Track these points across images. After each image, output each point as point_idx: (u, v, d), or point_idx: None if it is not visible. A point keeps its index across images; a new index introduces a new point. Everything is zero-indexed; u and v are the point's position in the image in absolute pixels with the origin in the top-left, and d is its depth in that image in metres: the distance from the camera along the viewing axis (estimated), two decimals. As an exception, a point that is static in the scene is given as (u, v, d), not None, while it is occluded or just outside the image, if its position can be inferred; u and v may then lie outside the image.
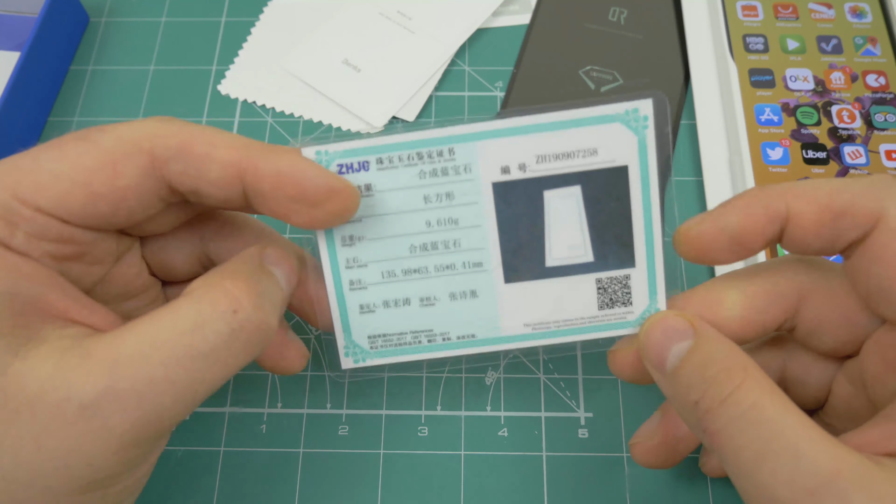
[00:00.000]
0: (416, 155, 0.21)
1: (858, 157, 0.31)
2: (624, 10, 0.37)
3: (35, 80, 0.35)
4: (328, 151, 0.21)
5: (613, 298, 0.22)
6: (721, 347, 0.19)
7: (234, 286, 0.18)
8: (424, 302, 0.23)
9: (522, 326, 0.23)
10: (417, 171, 0.21)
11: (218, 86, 0.36)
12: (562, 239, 0.22)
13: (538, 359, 0.29)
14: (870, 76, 0.33)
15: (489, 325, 0.23)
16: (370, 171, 0.21)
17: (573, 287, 0.22)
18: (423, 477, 0.27)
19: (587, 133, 0.21)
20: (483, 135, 0.21)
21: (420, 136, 0.21)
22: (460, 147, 0.21)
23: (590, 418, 0.28)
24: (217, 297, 0.18)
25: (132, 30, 0.38)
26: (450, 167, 0.21)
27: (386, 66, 0.36)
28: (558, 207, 0.21)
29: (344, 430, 0.28)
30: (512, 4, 0.38)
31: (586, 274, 0.22)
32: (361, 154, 0.21)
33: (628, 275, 0.22)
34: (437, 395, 0.29)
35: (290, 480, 0.27)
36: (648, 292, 0.22)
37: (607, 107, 0.20)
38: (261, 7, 0.39)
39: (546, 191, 0.21)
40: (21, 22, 0.36)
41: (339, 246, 0.22)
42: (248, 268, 0.20)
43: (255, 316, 0.18)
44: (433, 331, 0.23)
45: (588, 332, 0.23)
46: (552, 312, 0.22)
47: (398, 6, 0.38)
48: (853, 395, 0.21)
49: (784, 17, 0.35)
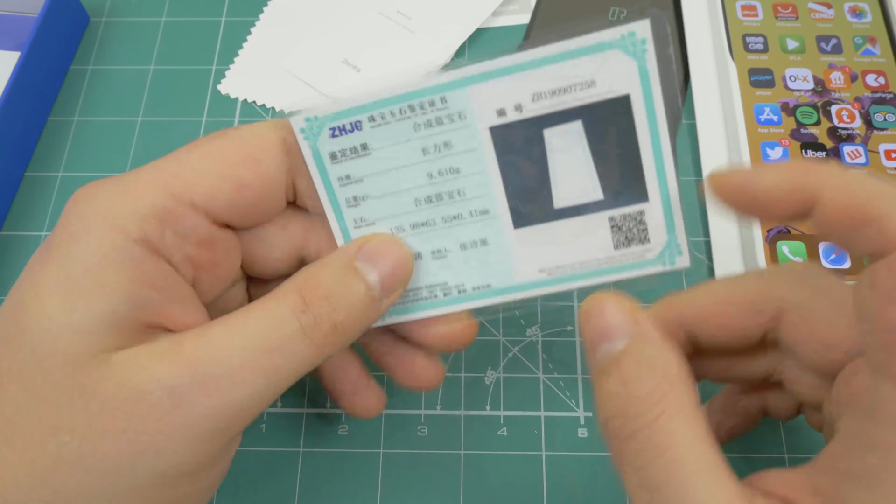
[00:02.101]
0: (408, 108, 0.21)
1: (858, 157, 0.31)
2: (624, 11, 0.37)
3: (35, 80, 0.35)
4: (318, 117, 0.21)
5: (629, 237, 0.21)
6: (650, 365, 0.18)
7: (306, 286, 0.20)
8: (436, 255, 0.22)
9: (538, 272, 0.22)
10: (411, 123, 0.21)
11: (218, 85, 0.36)
12: (568, 178, 0.21)
13: (537, 354, 0.29)
14: (869, 76, 0.33)
15: (503, 274, 0.22)
16: (363, 130, 0.21)
17: (585, 227, 0.21)
18: (422, 476, 0.27)
19: (582, 64, 0.19)
20: (473, 79, 0.20)
21: (409, 88, 0.20)
22: (452, 94, 0.20)
23: (589, 418, 0.28)
24: (291, 296, 0.19)
25: (132, 30, 0.38)
26: (444, 116, 0.20)
27: (386, 66, 0.36)
28: (560, 145, 0.20)
29: (344, 430, 0.28)
30: (512, 4, 0.38)
31: (598, 212, 0.21)
32: (353, 115, 0.21)
33: (642, 210, 0.21)
34: (437, 395, 0.29)
35: (290, 480, 0.27)
36: (666, 228, 0.21)
37: (601, 33, 0.19)
38: (261, 7, 0.39)
39: (546, 129, 0.20)
40: (21, 22, 0.36)
41: (346, 207, 0.22)
42: (329, 269, 0.20)
43: (324, 316, 0.19)
44: (448, 283, 0.22)
45: (607, 273, 0.21)
46: (567, 255, 0.21)
47: (398, 6, 0.38)
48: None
49: (784, 17, 0.35)
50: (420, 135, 0.21)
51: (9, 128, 0.33)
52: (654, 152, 0.20)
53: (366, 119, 0.21)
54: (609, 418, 0.18)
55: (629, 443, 0.17)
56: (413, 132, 0.21)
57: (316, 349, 0.19)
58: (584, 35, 0.19)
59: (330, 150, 0.21)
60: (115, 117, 0.36)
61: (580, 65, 0.19)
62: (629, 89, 0.19)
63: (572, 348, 0.30)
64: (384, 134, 0.21)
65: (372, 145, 0.21)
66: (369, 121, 0.21)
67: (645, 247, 0.21)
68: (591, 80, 0.19)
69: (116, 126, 0.36)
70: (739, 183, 0.19)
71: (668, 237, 0.21)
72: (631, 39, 0.19)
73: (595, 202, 0.21)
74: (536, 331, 0.30)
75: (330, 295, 0.20)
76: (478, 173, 0.21)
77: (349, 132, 0.21)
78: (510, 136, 0.21)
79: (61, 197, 0.34)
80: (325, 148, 0.21)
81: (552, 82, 0.20)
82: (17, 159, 0.34)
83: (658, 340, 0.18)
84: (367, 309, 0.20)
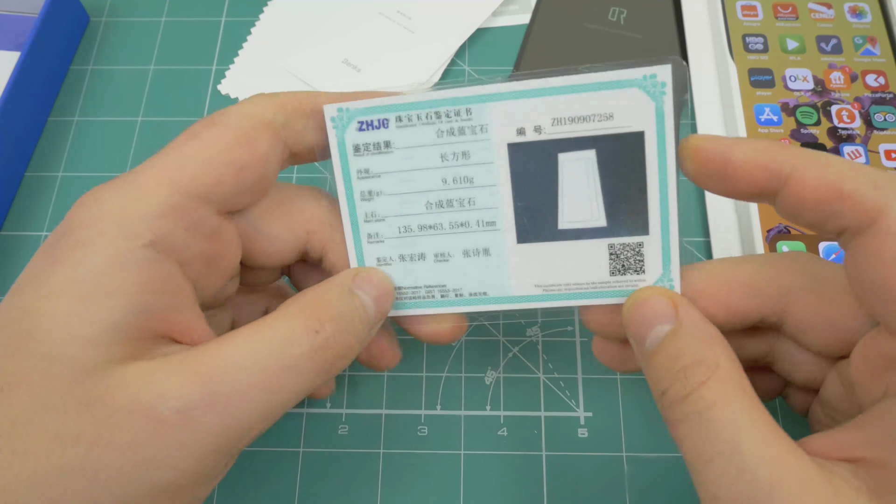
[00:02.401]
0: (435, 114, 0.22)
1: (858, 157, 0.31)
2: (624, 10, 0.37)
3: (35, 80, 0.35)
4: (349, 109, 0.22)
5: (626, 265, 0.22)
6: (697, 339, 0.19)
7: (317, 308, 0.20)
8: (439, 258, 0.23)
9: (533, 287, 0.23)
10: (435, 129, 0.22)
11: (218, 86, 0.36)
12: (575, 202, 0.22)
13: (537, 354, 0.29)
14: (869, 76, 0.33)
15: (500, 284, 0.23)
16: (389, 128, 0.22)
17: (585, 251, 0.22)
18: (422, 476, 0.27)
19: (604, 97, 0.20)
20: (500, 96, 0.21)
21: (439, 96, 0.21)
22: (477, 107, 0.21)
23: (589, 418, 0.28)
24: (304, 316, 0.20)
25: (132, 30, 0.38)
26: (466, 127, 0.22)
27: (386, 66, 0.36)
28: (572, 170, 0.21)
29: (344, 430, 0.28)
30: (512, 4, 0.38)
31: (599, 238, 0.22)
32: (381, 112, 0.22)
33: (641, 242, 0.22)
34: (437, 395, 0.29)
35: (290, 480, 0.27)
36: (662, 262, 0.22)
37: (625, 71, 0.20)
38: (261, 7, 0.39)
39: (561, 153, 0.21)
40: (21, 22, 0.36)
41: (359, 200, 0.23)
42: (336, 292, 0.21)
43: (334, 337, 0.20)
44: (446, 286, 0.23)
45: (598, 297, 0.22)
46: (563, 275, 0.22)
47: (398, 6, 0.38)
48: (843, 396, 0.21)
49: (784, 17, 0.35)
50: (442, 141, 0.22)
51: (9, 128, 0.33)
52: (661, 189, 0.21)
53: (393, 118, 0.22)
54: (664, 391, 0.19)
55: (681, 406, 0.18)
56: (436, 137, 0.22)
57: (325, 371, 0.20)
58: (609, 71, 0.20)
59: (354, 143, 0.22)
60: (115, 117, 0.36)
61: (601, 98, 0.20)
62: (644, 127, 0.20)
63: (572, 348, 0.30)
64: (408, 135, 0.22)
65: (395, 144, 0.22)
66: (396, 120, 0.22)
67: (639, 277, 0.22)
68: (609, 114, 0.21)
69: (116, 126, 0.36)
70: (716, 150, 0.19)
71: (663, 271, 0.22)
72: (652, 81, 0.20)
73: (598, 228, 0.22)
74: (536, 331, 0.30)
75: (339, 317, 0.20)
76: (490, 185, 0.22)
77: (376, 128, 0.22)
78: (526, 155, 0.21)
79: (61, 197, 0.34)
80: (351, 140, 0.22)
81: (573, 110, 0.21)
82: (17, 159, 0.34)
83: (699, 321, 0.20)
84: (369, 331, 0.22)
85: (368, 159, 0.22)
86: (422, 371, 0.29)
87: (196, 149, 0.20)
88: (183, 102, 0.36)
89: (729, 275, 0.21)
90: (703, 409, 0.18)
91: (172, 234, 0.19)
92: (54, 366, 0.17)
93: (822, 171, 0.18)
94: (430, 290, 0.23)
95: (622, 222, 0.21)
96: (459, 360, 0.29)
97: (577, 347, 0.30)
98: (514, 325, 0.30)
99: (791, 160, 0.18)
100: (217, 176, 0.20)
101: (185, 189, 0.20)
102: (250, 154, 0.21)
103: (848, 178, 0.18)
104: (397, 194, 0.23)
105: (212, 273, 0.21)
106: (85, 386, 0.17)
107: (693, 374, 0.18)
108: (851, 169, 0.18)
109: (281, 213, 0.23)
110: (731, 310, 0.21)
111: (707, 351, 0.19)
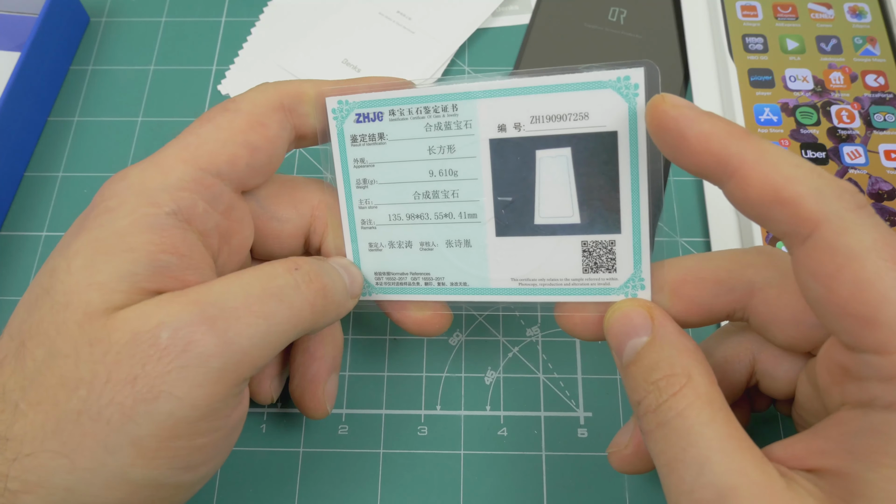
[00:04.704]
0: (424, 109, 0.23)
1: (857, 157, 0.31)
2: (624, 10, 0.37)
3: (35, 80, 0.35)
4: (349, 101, 0.24)
5: (598, 263, 0.22)
6: (672, 351, 0.19)
7: (294, 259, 0.22)
8: (424, 246, 0.24)
9: (510, 280, 0.23)
10: (424, 123, 0.23)
11: (218, 86, 0.36)
12: (550, 198, 0.22)
13: (537, 355, 0.29)
14: (869, 76, 0.33)
15: (480, 275, 0.24)
16: (383, 121, 0.23)
17: (559, 247, 0.23)
18: (422, 476, 0.27)
19: (580, 97, 0.21)
20: (484, 93, 0.22)
21: (428, 92, 0.23)
22: (463, 104, 0.22)
23: (589, 418, 0.28)
24: (283, 262, 0.22)
25: (132, 30, 0.38)
26: (452, 122, 0.23)
27: (386, 67, 0.36)
28: (549, 167, 0.22)
29: (344, 430, 0.28)
30: (512, 4, 0.38)
31: (572, 235, 0.22)
32: (377, 105, 0.23)
33: (613, 241, 0.22)
34: (437, 395, 0.29)
35: (290, 480, 0.27)
36: (633, 261, 0.22)
37: (600, 73, 0.21)
38: (261, 7, 0.39)
39: (538, 150, 0.22)
40: (21, 22, 0.36)
41: (355, 187, 0.24)
42: (315, 258, 0.23)
43: (313, 275, 0.22)
44: (430, 274, 0.24)
45: (571, 294, 0.23)
46: (538, 270, 0.23)
47: (398, 6, 0.38)
48: (811, 395, 0.21)
49: (783, 17, 0.35)
50: (430, 135, 0.23)
51: (9, 128, 0.33)
52: (633, 188, 0.21)
53: (387, 111, 0.23)
54: (639, 402, 0.19)
55: (654, 416, 0.19)
56: (424, 131, 0.23)
57: (308, 305, 0.21)
58: (585, 72, 0.21)
59: (352, 133, 0.24)
60: (115, 117, 0.36)
61: (578, 98, 0.21)
62: (617, 127, 0.21)
63: (572, 348, 0.30)
64: (400, 128, 0.23)
65: (388, 136, 0.23)
66: (390, 113, 0.23)
67: (611, 275, 0.22)
68: (585, 113, 0.21)
69: (116, 126, 0.36)
70: (679, 116, 0.18)
71: (634, 270, 0.22)
72: (625, 83, 0.21)
73: (571, 225, 0.22)
74: (536, 331, 0.30)
75: (314, 261, 0.22)
76: (473, 178, 0.23)
77: (371, 120, 0.23)
78: (506, 151, 0.22)
79: (61, 197, 0.34)
80: (349, 130, 0.24)
81: (551, 109, 0.22)
82: (17, 159, 0.34)
83: (675, 333, 0.20)
84: (345, 294, 0.23)
85: (364, 149, 0.24)
86: (422, 371, 0.29)
87: (212, 130, 0.22)
88: (183, 102, 0.36)
89: (698, 271, 0.21)
90: (672, 418, 0.18)
91: (193, 204, 0.21)
92: (62, 312, 0.18)
93: (768, 171, 0.17)
94: (416, 277, 0.24)
95: (595, 220, 0.22)
96: (459, 360, 0.30)
97: (577, 347, 0.30)
98: (514, 325, 0.30)
99: (742, 153, 0.18)
100: (232, 155, 0.22)
101: (203, 165, 0.21)
102: (262, 136, 0.22)
103: (792, 182, 0.17)
104: (389, 183, 0.24)
105: (226, 250, 0.23)
106: (90, 328, 0.18)
107: (666, 384, 0.19)
108: (799, 173, 0.17)
109: (289, 196, 0.25)
110: (702, 306, 0.21)
111: (680, 363, 0.19)
